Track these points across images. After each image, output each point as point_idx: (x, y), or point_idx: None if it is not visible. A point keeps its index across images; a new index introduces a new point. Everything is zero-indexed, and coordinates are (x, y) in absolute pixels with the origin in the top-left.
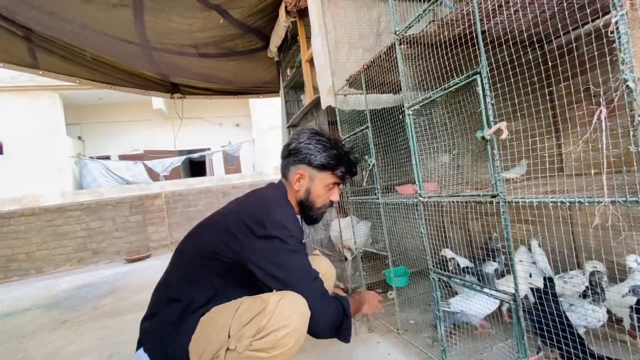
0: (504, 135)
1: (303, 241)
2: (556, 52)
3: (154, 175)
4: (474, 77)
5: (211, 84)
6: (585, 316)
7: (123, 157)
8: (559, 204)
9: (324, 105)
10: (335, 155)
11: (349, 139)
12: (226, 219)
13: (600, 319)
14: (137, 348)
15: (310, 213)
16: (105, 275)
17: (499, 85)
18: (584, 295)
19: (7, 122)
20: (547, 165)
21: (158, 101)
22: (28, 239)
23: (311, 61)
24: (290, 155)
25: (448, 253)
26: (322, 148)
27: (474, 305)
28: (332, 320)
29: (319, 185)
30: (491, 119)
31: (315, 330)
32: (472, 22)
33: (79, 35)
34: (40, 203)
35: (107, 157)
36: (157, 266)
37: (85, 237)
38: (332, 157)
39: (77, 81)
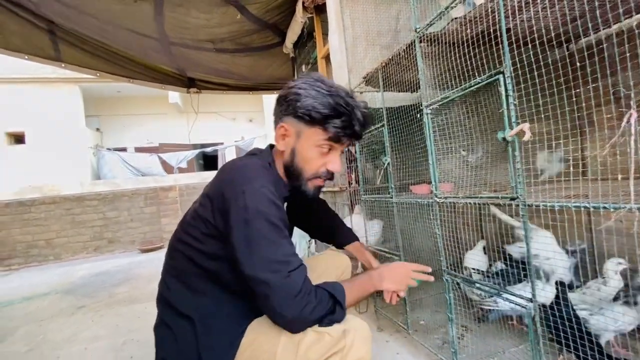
0: (527, 136)
1: (283, 221)
2: (585, 52)
3: (168, 168)
4: (497, 76)
5: (227, 79)
6: (616, 320)
7: (139, 150)
8: (582, 208)
9: None
10: (329, 104)
11: (364, 137)
12: (196, 208)
13: (632, 322)
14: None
15: (296, 184)
16: (120, 264)
17: (522, 85)
18: (615, 298)
19: (30, 113)
20: (571, 168)
21: (174, 95)
22: (48, 226)
23: (327, 58)
24: (277, 105)
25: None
26: (315, 94)
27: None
28: (312, 319)
29: (307, 144)
30: (513, 120)
31: (290, 326)
32: (497, 19)
33: (101, 29)
34: (60, 192)
35: (124, 149)
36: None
37: (102, 226)
38: (324, 106)
39: (98, 74)
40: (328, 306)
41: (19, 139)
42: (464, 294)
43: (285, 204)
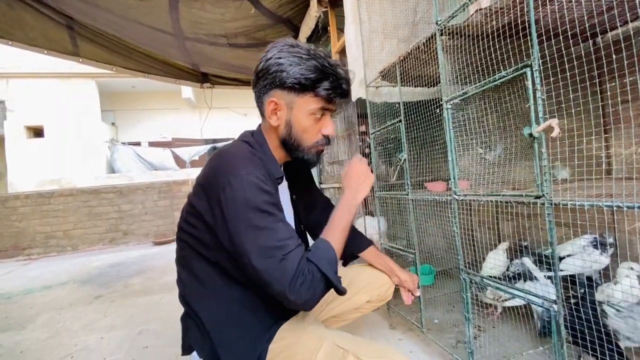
0: (555, 133)
1: (275, 206)
2: (612, 47)
3: (180, 163)
4: (524, 70)
5: (239, 75)
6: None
7: (152, 144)
8: (615, 208)
9: (354, 97)
10: (316, 68)
11: (379, 133)
12: (190, 198)
13: None
14: (189, 350)
15: (299, 155)
16: (134, 255)
17: (544, 81)
18: None
19: (49, 107)
20: (594, 167)
21: (187, 90)
22: (65, 218)
23: (341, 52)
24: (259, 80)
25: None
26: (298, 60)
27: None
28: (315, 295)
29: (301, 114)
30: (540, 115)
31: (304, 308)
32: (526, 10)
33: (117, 24)
34: (76, 184)
35: (138, 144)
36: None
37: (117, 218)
38: (311, 70)
39: (114, 69)
40: (319, 279)
41: (38, 132)
42: (475, 295)
43: (289, 195)
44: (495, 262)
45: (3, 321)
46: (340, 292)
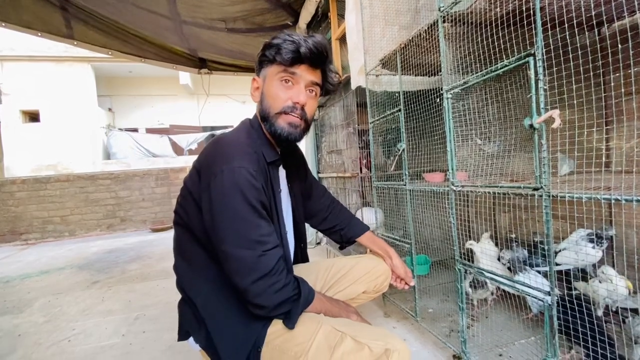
0: (556, 124)
1: (261, 204)
2: (618, 37)
3: (178, 150)
4: (527, 59)
5: (238, 61)
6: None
7: (150, 130)
8: (613, 201)
9: (353, 86)
10: (279, 39)
11: (378, 122)
12: (186, 182)
13: None
14: (185, 336)
15: (269, 126)
16: (131, 242)
17: (547, 71)
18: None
19: (44, 91)
20: (594, 159)
21: (185, 77)
22: (62, 204)
23: (341, 39)
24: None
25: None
26: (269, 40)
27: None
28: (276, 299)
29: (269, 82)
30: (542, 106)
31: (256, 312)
32: None
33: (113, 6)
34: (73, 170)
35: (135, 130)
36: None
37: (114, 205)
38: (276, 41)
39: (110, 53)
40: (293, 292)
41: (33, 117)
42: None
43: (286, 183)
44: (487, 251)
45: (1, 305)
46: (291, 322)
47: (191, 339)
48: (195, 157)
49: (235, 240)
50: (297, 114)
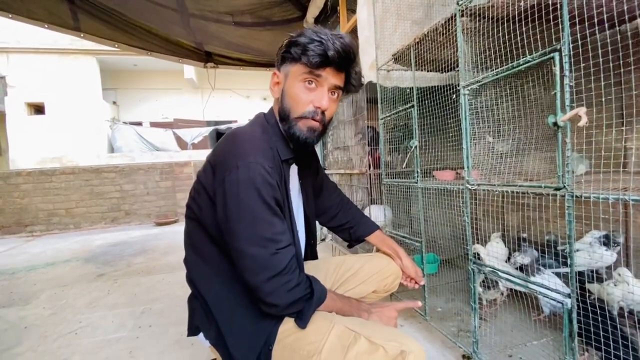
0: (583, 122)
1: (276, 201)
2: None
3: (182, 144)
4: (552, 54)
5: (244, 55)
6: None
7: (154, 124)
8: (634, 202)
9: (364, 81)
10: (305, 37)
11: (389, 119)
12: (199, 175)
13: None
14: (195, 332)
15: (287, 127)
16: (136, 235)
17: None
18: None
19: (49, 84)
20: (612, 160)
21: (189, 70)
22: (68, 196)
23: (350, 34)
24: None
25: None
26: (295, 36)
27: None
28: (289, 298)
29: (291, 81)
30: (567, 103)
31: (268, 310)
32: None
33: None
34: (78, 163)
35: (139, 123)
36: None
37: (119, 198)
38: (302, 39)
39: (116, 45)
40: (305, 291)
41: (39, 109)
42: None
43: (298, 179)
44: (494, 253)
45: (7, 296)
46: (303, 322)
47: (201, 334)
48: (199, 152)
49: (248, 237)
50: (318, 119)
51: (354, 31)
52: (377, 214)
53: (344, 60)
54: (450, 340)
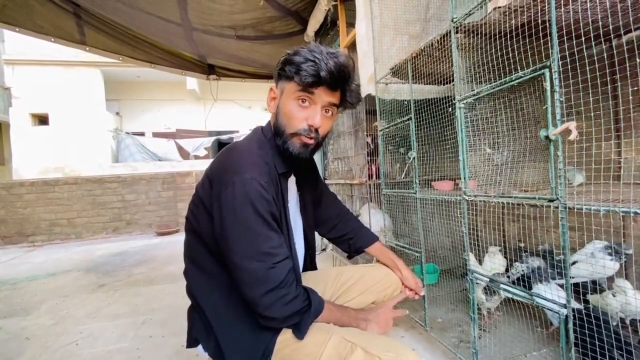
0: (573, 135)
1: (272, 215)
2: (636, 47)
3: (184, 154)
4: (542, 70)
5: (245, 67)
6: None
7: (156, 134)
8: (632, 214)
9: (363, 93)
10: (301, 55)
11: (387, 130)
12: (197, 189)
13: None
14: (194, 344)
15: (282, 144)
16: (137, 245)
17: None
18: None
19: (54, 95)
20: (602, 171)
21: (191, 82)
22: (70, 206)
23: (349, 47)
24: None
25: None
26: (292, 53)
27: None
28: (287, 311)
29: (286, 98)
30: (558, 117)
31: (266, 323)
32: (547, 9)
33: (125, 13)
34: (80, 173)
35: (142, 134)
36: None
37: (121, 208)
38: (298, 58)
39: (121, 58)
40: (303, 304)
41: (43, 120)
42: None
43: (296, 191)
44: (493, 264)
45: (8, 307)
46: (301, 333)
47: (200, 346)
48: (201, 162)
49: (245, 252)
50: (312, 137)
51: (353, 44)
52: (377, 218)
53: (337, 80)
54: (451, 352)
